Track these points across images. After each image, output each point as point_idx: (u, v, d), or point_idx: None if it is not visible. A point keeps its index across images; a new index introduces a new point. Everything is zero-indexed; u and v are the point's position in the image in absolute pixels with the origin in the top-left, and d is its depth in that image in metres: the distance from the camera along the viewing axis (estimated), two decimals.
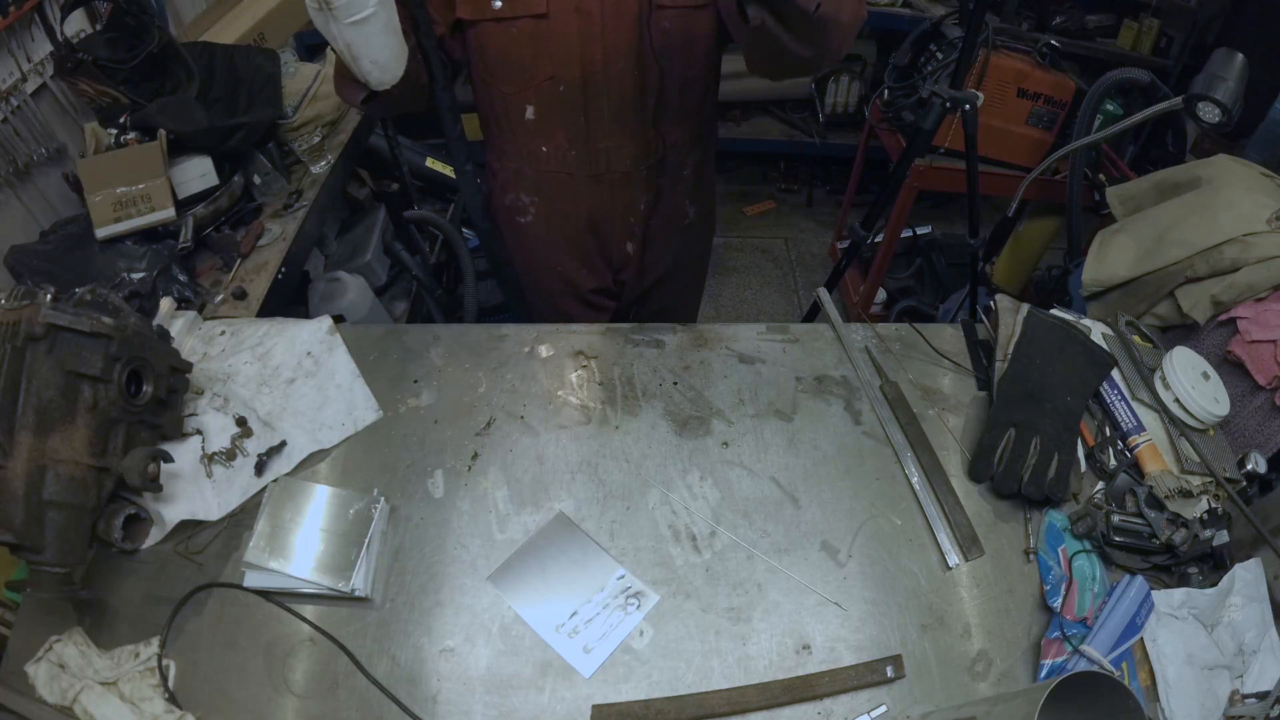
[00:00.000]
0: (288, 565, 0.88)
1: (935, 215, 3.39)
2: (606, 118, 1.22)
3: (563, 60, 1.15)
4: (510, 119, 1.25)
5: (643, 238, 1.42)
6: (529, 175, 1.32)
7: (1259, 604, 0.92)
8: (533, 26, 1.12)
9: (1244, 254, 1.19)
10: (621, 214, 1.37)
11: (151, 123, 1.47)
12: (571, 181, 1.31)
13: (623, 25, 1.13)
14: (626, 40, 1.14)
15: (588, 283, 1.49)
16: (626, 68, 1.17)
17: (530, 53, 1.15)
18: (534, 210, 1.37)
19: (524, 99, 1.21)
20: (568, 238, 1.40)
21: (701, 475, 1.03)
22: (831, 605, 0.92)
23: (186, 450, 1.00)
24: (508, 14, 1.11)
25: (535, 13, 1.10)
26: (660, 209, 1.40)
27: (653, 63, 1.18)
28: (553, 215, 1.37)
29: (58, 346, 0.84)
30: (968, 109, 1.79)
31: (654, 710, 0.83)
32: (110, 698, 0.81)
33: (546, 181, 1.32)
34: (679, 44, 1.17)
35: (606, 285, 1.51)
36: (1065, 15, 2.86)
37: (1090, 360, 1.13)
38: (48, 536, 0.80)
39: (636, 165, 1.30)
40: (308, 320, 1.16)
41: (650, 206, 1.38)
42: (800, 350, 1.19)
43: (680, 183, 1.38)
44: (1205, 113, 1.30)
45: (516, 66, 1.17)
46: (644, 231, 1.41)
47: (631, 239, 1.42)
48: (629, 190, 1.33)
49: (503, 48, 1.15)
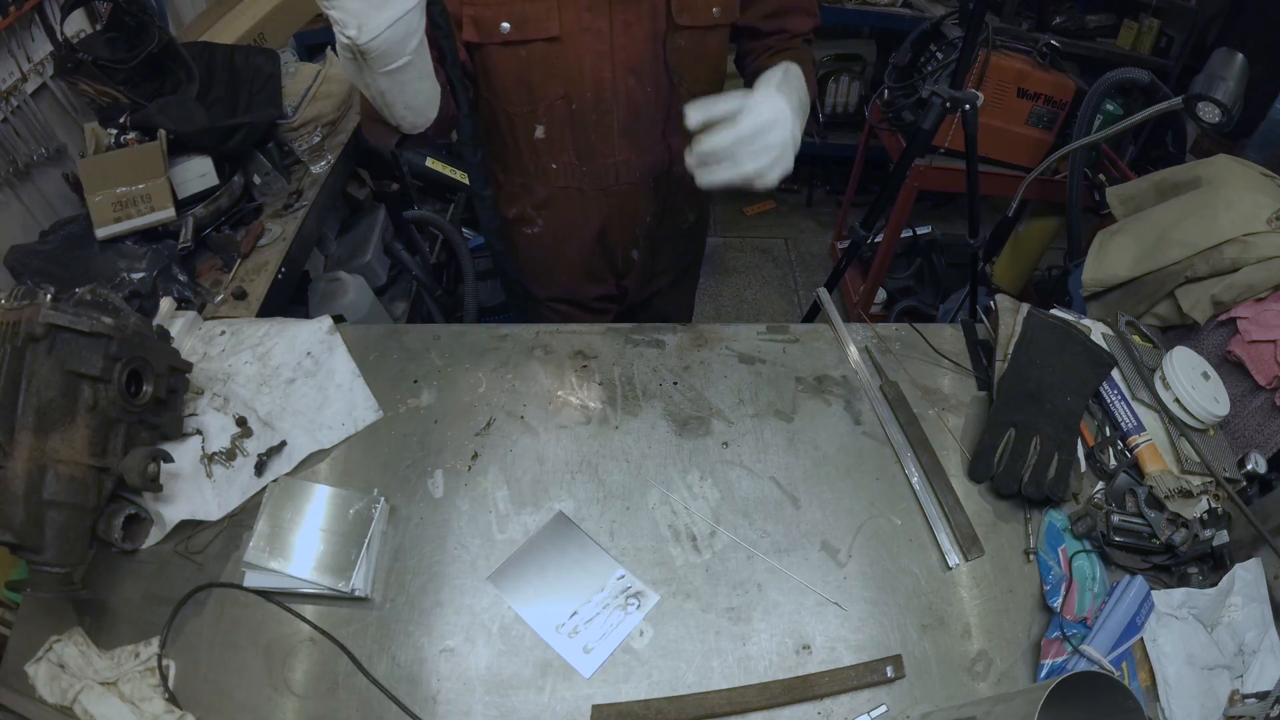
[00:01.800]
0: (288, 565, 0.88)
1: (935, 215, 3.39)
2: (616, 133, 1.22)
3: (574, 79, 1.14)
4: (517, 138, 1.24)
5: (648, 245, 1.43)
6: (537, 190, 1.32)
7: (1259, 604, 0.92)
8: (544, 49, 1.10)
9: (1244, 254, 1.19)
10: (629, 224, 1.38)
11: (151, 123, 1.47)
12: (581, 196, 1.31)
13: (633, 43, 1.12)
14: (638, 57, 1.14)
15: (592, 290, 1.49)
16: (637, 84, 1.17)
17: (541, 74, 1.13)
18: (541, 223, 1.37)
19: (534, 119, 1.20)
20: (574, 248, 1.41)
21: (701, 475, 1.03)
22: (831, 605, 0.92)
23: (186, 450, 1.00)
24: (517, 38, 1.09)
25: (548, 35, 1.09)
26: (666, 217, 1.41)
27: (665, 78, 1.18)
28: (560, 228, 1.37)
29: (58, 346, 0.84)
30: (968, 109, 1.79)
31: (654, 710, 0.83)
32: (110, 698, 0.81)
33: (556, 196, 1.32)
34: (691, 60, 1.17)
35: (610, 292, 1.51)
36: (1065, 15, 2.86)
37: (1090, 360, 1.13)
38: (48, 536, 0.80)
39: (645, 177, 1.30)
40: (308, 320, 1.16)
41: (657, 215, 1.39)
42: (800, 350, 1.19)
43: (683, 189, 1.38)
44: (1205, 113, 1.30)
45: (526, 88, 1.16)
46: (649, 239, 1.42)
47: (637, 246, 1.43)
48: (637, 201, 1.34)
49: (511, 71, 1.14)
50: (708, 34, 1.17)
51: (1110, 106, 2.22)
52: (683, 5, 1.11)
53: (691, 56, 1.17)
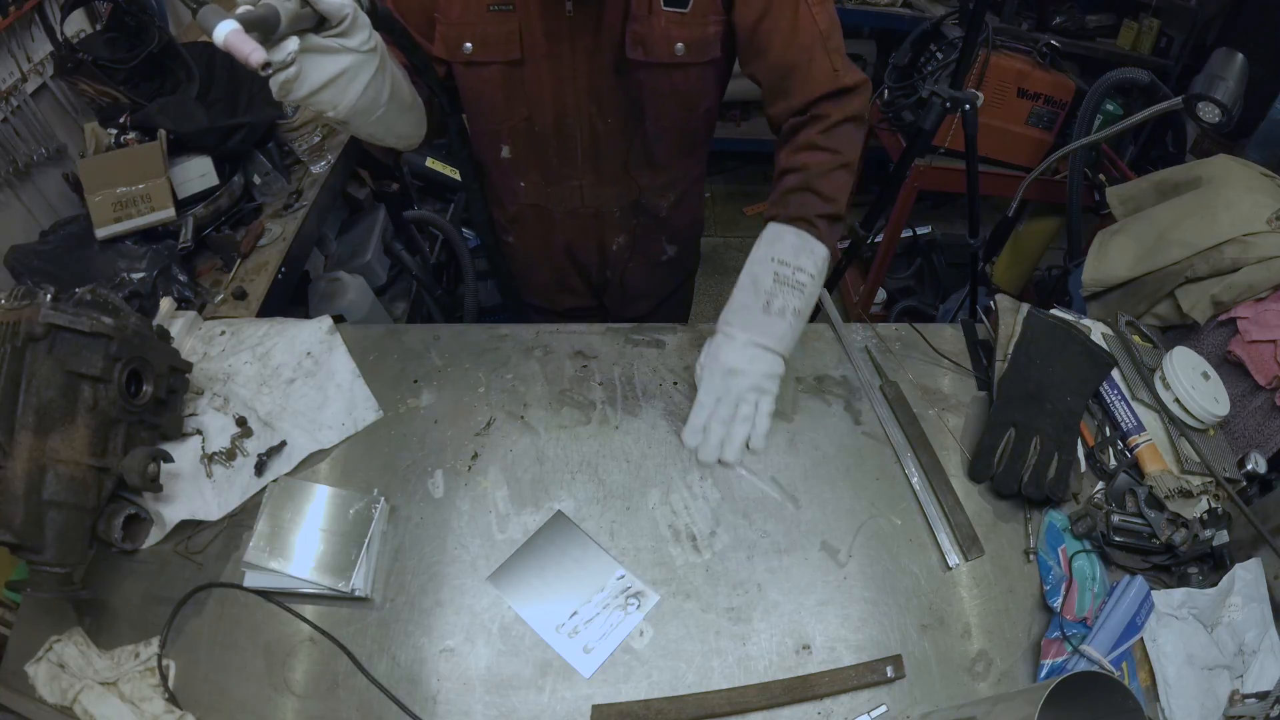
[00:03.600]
0: (288, 565, 0.88)
1: (935, 215, 3.39)
2: (579, 157, 1.19)
3: (536, 102, 1.12)
4: (485, 154, 1.24)
5: (619, 269, 1.41)
6: (507, 205, 1.32)
7: (1259, 604, 0.92)
8: (505, 71, 1.09)
9: (1244, 254, 1.19)
10: (595, 247, 1.36)
11: (151, 123, 1.47)
12: (548, 214, 1.30)
13: (595, 72, 1.09)
14: (599, 87, 1.11)
15: (567, 301, 1.49)
16: (598, 113, 1.13)
17: (504, 95, 1.12)
18: (513, 235, 1.38)
19: (499, 138, 1.19)
20: (544, 262, 1.40)
21: (701, 475, 1.03)
22: (831, 605, 0.92)
23: (186, 450, 1.00)
24: (479, 59, 1.07)
25: (510, 59, 1.07)
26: (639, 246, 1.38)
27: (628, 111, 1.14)
28: (529, 242, 1.37)
29: (58, 346, 0.84)
30: (968, 109, 1.79)
31: (654, 710, 0.83)
32: (110, 698, 0.81)
33: (524, 212, 1.31)
34: (655, 96, 1.12)
35: (587, 304, 1.51)
36: (1065, 15, 2.85)
37: (1090, 360, 1.13)
38: (48, 536, 0.80)
39: (610, 205, 1.28)
40: (308, 320, 1.16)
41: (628, 244, 1.36)
42: (800, 350, 1.19)
43: (657, 224, 1.36)
44: (1205, 113, 1.30)
45: (489, 107, 1.14)
46: (620, 264, 1.40)
47: (609, 268, 1.41)
48: (603, 227, 1.32)
49: (476, 89, 1.13)
50: (674, 71, 1.09)
51: (1110, 106, 2.22)
52: (636, 39, 1.04)
53: (656, 92, 1.11)
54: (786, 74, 1.04)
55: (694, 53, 1.07)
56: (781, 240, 0.96)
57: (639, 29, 1.03)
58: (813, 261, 0.96)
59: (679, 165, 1.28)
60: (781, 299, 0.93)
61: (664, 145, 1.21)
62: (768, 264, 0.95)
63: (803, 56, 1.02)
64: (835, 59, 1.03)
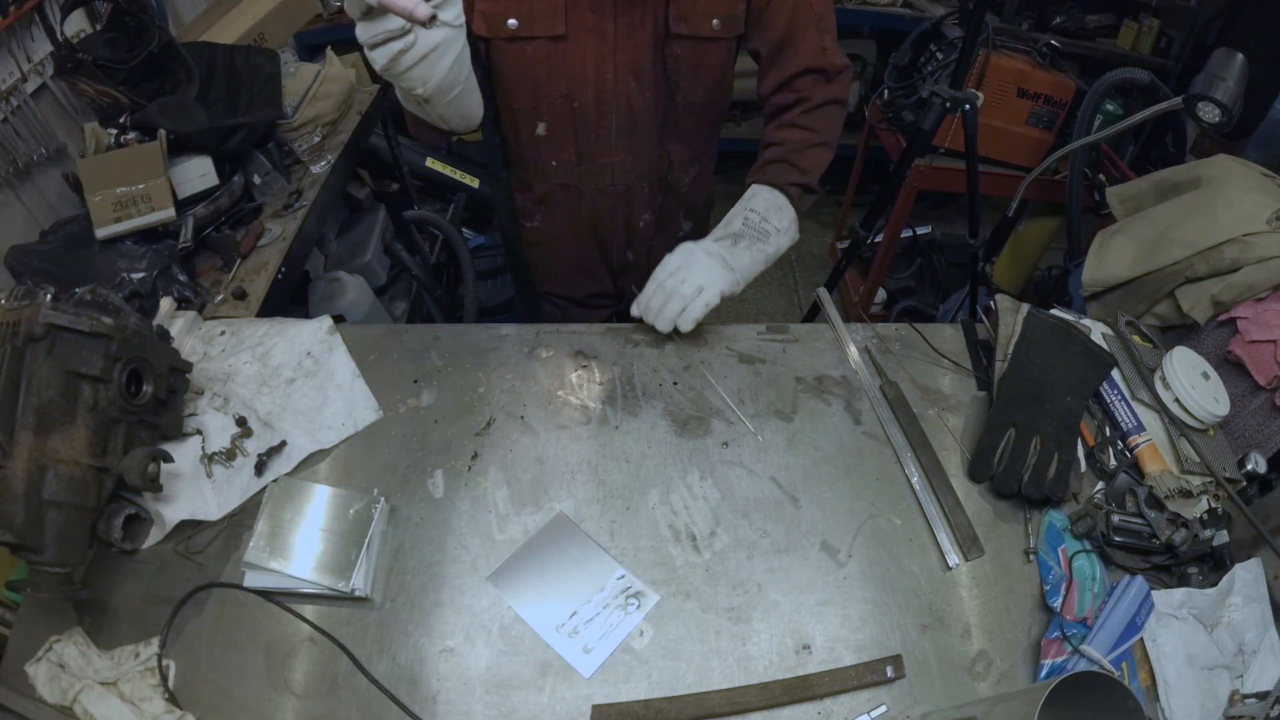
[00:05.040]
0: (288, 565, 0.88)
1: (935, 215, 3.39)
2: (614, 134, 1.23)
3: (577, 78, 1.15)
4: (519, 133, 1.26)
5: (643, 247, 1.45)
6: (536, 186, 1.34)
7: (1259, 604, 0.92)
8: (549, 47, 1.12)
9: (1244, 254, 1.19)
10: (623, 225, 1.39)
11: (151, 123, 1.47)
12: (578, 194, 1.33)
13: (635, 47, 1.14)
14: (640, 61, 1.15)
15: (587, 287, 1.51)
16: (637, 88, 1.18)
17: (545, 71, 1.15)
18: (539, 217, 1.40)
19: (536, 115, 1.21)
20: (569, 244, 1.43)
21: (701, 475, 1.03)
22: (831, 605, 0.92)
23: (186, 450, 1.00)
24: (524, 34, 1.10)
25: (554, 34, 1.10)
26: (661, 221, 1.43)
27: (663, 85, 1.19)
28: (557, 223, 1.40)
29: (58, 346, 0.84)
30: (968, 109, 1.79)
31: (654, 710, 0.83)
32: (110, 698, 0.81)
33: (553, 193, 1.34)
34: (688, 69, 1.18)
35: (606, 290, 1.53)
36: (1065, 15, 2.86)
37: (1090, 360, 1.13)
38: (48, 536, 0.80)
39: (640, 181, 1.32)
40: (308, 320, 1.16)
41: (652, 220, 1.40)
42: (800, 350, 1.19)
43: (678, 198, 1.40)
44: (1205, 113, 1.29)
45: (530, 84, 1.17)
46: (644, 242, 1.44)
47: (631, 248, 1.45)
48: (632, 203, 1.35)
49: (516, 66, 1.15)
50: (707, 45, 1.17)
51: (1110, 106, 2.22)
52: (680, 14, 1.12)
53: (689, 65, 1.18)
54: (783, 46, 1.17)
55: (727, 27, 1.16)
56: (756, 197, 1.14)
57: (682, 3, 1.11)
58: (780, 218, 1.13)
59: (703, 138, 1.35)
60: (748, 239, 1.11)
61: (693, 119, 1.28)
62: (741, 212, 1.13)
63: (798, 33, 1.16)
64: (826, 39, 1.18)
